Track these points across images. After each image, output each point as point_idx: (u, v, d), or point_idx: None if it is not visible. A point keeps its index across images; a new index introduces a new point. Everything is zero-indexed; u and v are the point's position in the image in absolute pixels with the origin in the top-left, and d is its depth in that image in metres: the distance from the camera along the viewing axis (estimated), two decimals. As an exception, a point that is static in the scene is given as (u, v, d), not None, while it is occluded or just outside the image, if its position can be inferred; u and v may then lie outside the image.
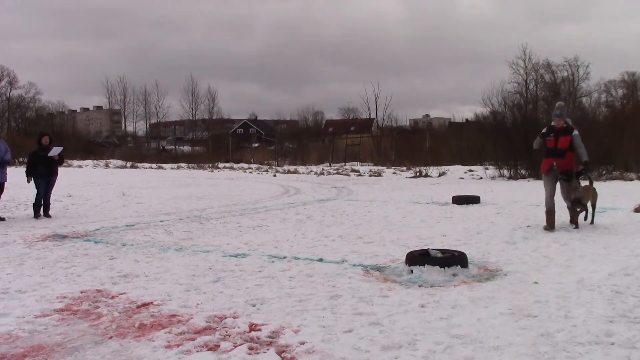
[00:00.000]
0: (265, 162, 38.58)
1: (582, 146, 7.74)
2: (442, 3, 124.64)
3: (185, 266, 5.77)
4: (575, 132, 7.75)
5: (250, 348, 3.41)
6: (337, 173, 27.11)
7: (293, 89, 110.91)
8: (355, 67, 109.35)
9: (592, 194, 8.09)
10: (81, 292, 4.74)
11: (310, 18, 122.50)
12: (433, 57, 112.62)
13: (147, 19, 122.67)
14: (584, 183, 8.21)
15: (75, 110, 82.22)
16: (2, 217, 9.63)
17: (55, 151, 10.00)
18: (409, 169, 26.69)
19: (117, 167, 37.23)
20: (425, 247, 6.14)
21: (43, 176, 10.01)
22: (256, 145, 48.95)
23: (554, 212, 7.85)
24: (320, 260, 6.03)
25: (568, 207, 8.05)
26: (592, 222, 8.07)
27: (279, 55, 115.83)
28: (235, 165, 35.92)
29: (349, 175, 25.43)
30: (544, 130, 8.00)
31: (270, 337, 3.61)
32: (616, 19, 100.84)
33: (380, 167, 29.71)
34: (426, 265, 5.18)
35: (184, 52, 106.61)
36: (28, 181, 10.15)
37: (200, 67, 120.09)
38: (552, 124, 7.92)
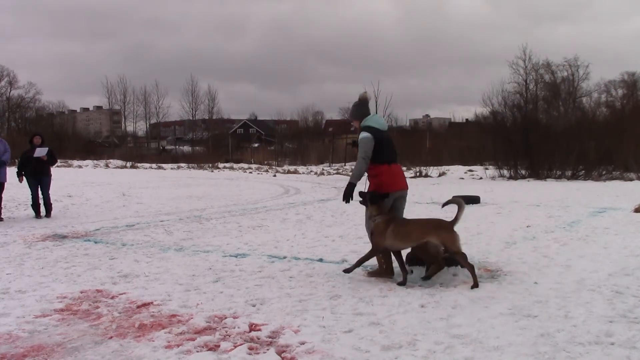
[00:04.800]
0: (265, 162, 38.57)
1: (358, 157, 5.25)
2: (434, 4, 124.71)
3: (185, 266, 5.77)
4: (362, 134, 5.28)
5: (250, 348, 3.41)
6: (337, 173, 27.11)
7: (290, 89, 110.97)
8: (351, 67, 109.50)
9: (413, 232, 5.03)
10: (81, 292, 4.74)
11: (305, 19, 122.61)
12: (428, 57, 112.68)
13: (144, 19, 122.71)
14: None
15: (75, 111, 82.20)
16: (0, 217, 9.61)
17: (40, 152, 9.90)
18: (409, 169, 26.68)
19: (117, 167, 37.23)
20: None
21: (32, 176, 9.99)
22: (256, 145, 48.94)
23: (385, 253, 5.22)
24: (320, 260, 6.03)
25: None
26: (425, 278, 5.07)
27: (275, 55, 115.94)
28: (235, 166, 35.92)
29: (349, 175, 25.43)
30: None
31: (270, 337, 3.61)
32: (612, 19, 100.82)
33: (380, 167, 29.64)
34: (426, 265, 5.17)
35: (181, 52, 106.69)
36: (20, 181, 10.12)
37: (196, 67, 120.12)
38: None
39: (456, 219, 4.98)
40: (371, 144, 5.18)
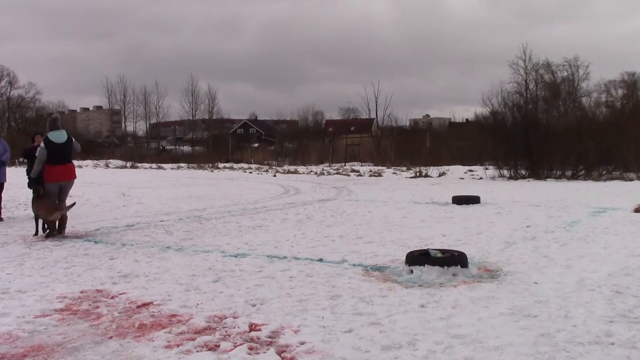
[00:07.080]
0: (265, 162, 38.59)
1: (36, 160, 7.98)
2: (433, 3, 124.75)
3: (185, 266, 5.77)
4: (40, 144, 8.14)
5: (250, 348, 3.41)
6: (337, 173, 27.10)
7: (289, 89, 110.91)
8: (350, 67, 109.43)
9: (43, 208, 7.76)
10: (81, 292, 4.74)
11: (304, 18, 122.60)
12: (427, 57, 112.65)
13: (143, 19, 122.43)
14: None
15: (75, 110, 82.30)
16: (0, 217, 9.60)
17: None
18: (409, 169, 26.70)
19: (117, 167, 37.24)
20: (425, 247, 6.14)
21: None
22: (256, 145, 48.97)
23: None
24: (320, 260, 6.03)
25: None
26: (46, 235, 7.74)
27: (274, 55, 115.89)
28: (235, 165, 35.93)
29: (349, 175, 25.42)
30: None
31: (270, 337, 3.61)
32: (612, 19, 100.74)
33: (380, 167, 29.71)
34: (426, 265, 5.18)
35: (180, 52, 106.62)
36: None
37: (196, 67, 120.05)
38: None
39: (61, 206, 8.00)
40: (44, 152, 7.86)
